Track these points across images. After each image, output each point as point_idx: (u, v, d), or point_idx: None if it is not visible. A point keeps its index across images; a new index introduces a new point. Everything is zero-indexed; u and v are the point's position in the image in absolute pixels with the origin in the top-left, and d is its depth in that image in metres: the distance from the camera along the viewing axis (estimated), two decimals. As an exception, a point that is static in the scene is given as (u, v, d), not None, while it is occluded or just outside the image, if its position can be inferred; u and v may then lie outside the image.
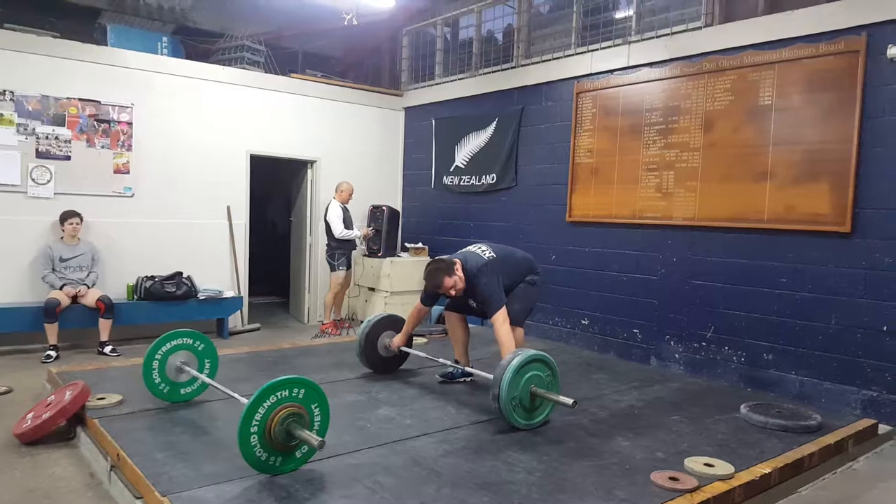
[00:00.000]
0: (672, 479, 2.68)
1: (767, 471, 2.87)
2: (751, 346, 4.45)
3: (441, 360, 4.13)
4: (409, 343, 4.27)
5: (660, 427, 3.43)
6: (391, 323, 4.27)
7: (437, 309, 6.10)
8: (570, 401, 3.17)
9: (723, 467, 2.81)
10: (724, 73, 4.56)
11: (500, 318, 3.58)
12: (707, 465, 2.82)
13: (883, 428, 3.76)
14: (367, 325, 4.24)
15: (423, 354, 4.22)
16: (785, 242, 4.28)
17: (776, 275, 4.32)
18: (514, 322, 3.76)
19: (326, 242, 6.32)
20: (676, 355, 4.88)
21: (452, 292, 3.71)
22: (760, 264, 4.40)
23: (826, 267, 4.10)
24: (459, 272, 3.68)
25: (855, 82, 3.94)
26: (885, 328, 3.85)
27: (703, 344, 4.72)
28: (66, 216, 5.22)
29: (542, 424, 3.36)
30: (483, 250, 3.82)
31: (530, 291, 3.95)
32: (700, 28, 4.76)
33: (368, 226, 6.78)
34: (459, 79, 6.80)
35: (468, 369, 4.03)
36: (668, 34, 4.93)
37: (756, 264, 4.43)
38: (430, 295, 3.90)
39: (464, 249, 3.93)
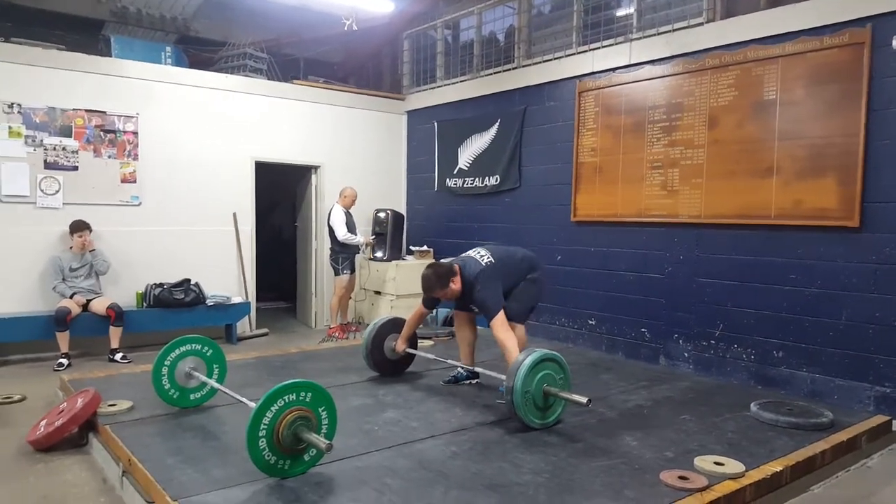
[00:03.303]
0: (682, 478, 2.66)
1: (778, 469, 2.84)
2: (760, 344, 4.41)
3: (449, 361, 4.13)
4: (413, 344, 4.28)
5: (669, 426, 3.41)
6: (396, 325, 4.28)
7: (444, 311, 6.13)
8: (584, 399, 3.17)
9: (733, 466, 2.78)
10: (728, 68, 4.54)
11: (498, 323, 3.58)
12: (717, 463, 2.80)
13: (896, 424, 3.72)
14: (372, 329, 4.26)
15: (430, 356, 4.22)
16: (793, 238, 4.25)
17: (785, 271, 4.29)
18: (515, 319, 3.78)
19: (330, 247, 6.34)
20: (685, 354, 4.84)
21: (443, 295, 3.77)
22: (768, 261, 4.37)
23: (835, 262, 4.06)
24: (457, 279, 3.72)
25: (860, 74, 3.90)
26: (896, 322, 3.82)
27: (712, 342, 4.68)
28: (76, 228, 5.24)
29: (556, 423, 3.35)
30: (482, 255, 3.83)
31: (531, 289, 3.94)
32: (702, 24, 4.74)
33: (372, 231, 6.80)
34: (461, 81, 6.81)
35: (477, 369, 4.02)
36: (670, 31, 4.91)
37: (764, 261, 4.39)
38: (431, 297, 3.92)
39: (465, 254, 3.95)
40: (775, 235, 4.33)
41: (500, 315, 3.60)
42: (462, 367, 4.18)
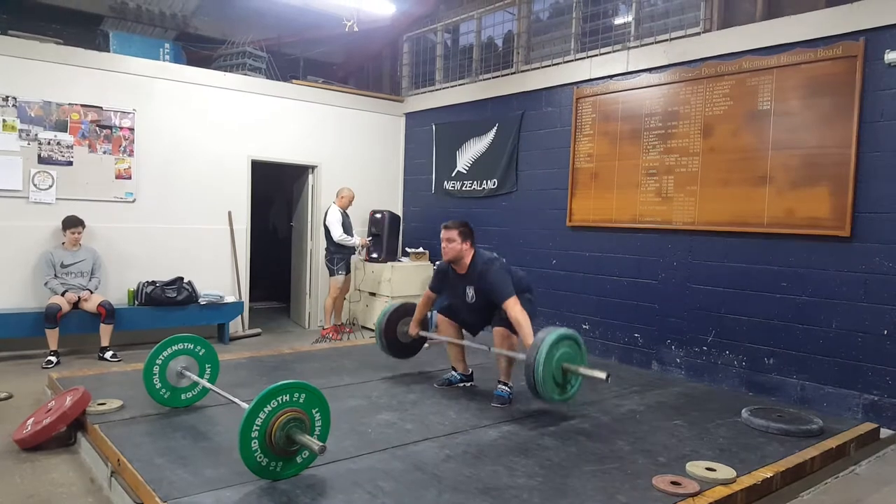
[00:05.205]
0: (674, 483, 2.68)
1: (769, 475, 2.87)
2: (752, 351, 4.45)
3: (473, 344, 4.06)
4: (425, 327, 4.35)
5: (661, 431, 3.43)
6: (408, 310, 4.38)
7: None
8: (603, 374, 3.24)
9: (724, 471, 2.80)
10: (723, 78, 4.58)
11: (512, 302, 3.61)
12: (709, 469, 2.82)
13: (885, 432, 3.75)
14: (384, 314, 4.34)
15: (443, 338, 4.15)
16: (785, 246, 4.29)
17: (777, 279, 4.33)
18: (510, 328, 3.76)
19: (325, 247, 6.33)
20: (678, 360, 4.87)
21: (448, 250, 3.80)
22: (761, 268, 4.41)
23: (826, 271, 4.10)
24: (470, 249, 3.82)
25: (853, 87, 3.95)
26: (885, 332, 3.85)
27: (704, 348, 4.71)
28: (70, 224, 5.20)
29: (573, 398, 3.48)
30: (493, 254, 3.97)
31: (526, 307, 3.89)
32: (699, 34, 4.78)
33: (369, 232, 6.80)
34: (460, 84, 6.83)
35: (494, 350, 3.87)
36: (667, 40, 4.95)
37: (756, 268, 4.43)
38: (439, 276, 4.02)
39: None
40: (768, 243, 4.37)
41: (514, 297, 3.64)
42: (455, 371, 4.18)
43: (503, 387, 3.84)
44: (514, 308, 3.59)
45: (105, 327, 5.13)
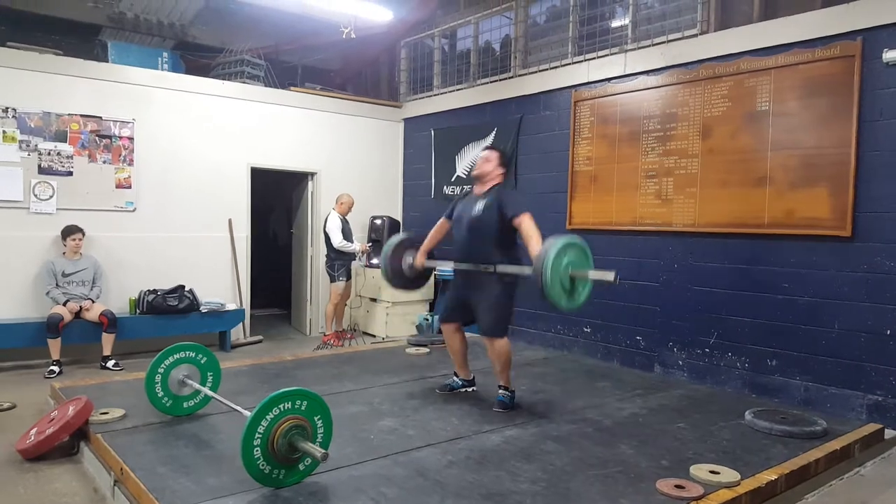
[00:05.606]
0: (678, 486, 2.66)
1: (773, 477, 2.85)
2: (754, 352, 4.44)
3: (478, 266, 3.83)
4: (431, 258, 4.24)
5: (664, 434, 3.42)
6: (414, 242, 4.27)
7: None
8: (611, 276, 3.17)
9: (728, 474, 2.79)
10: (721, 79, 4.59)
11: (527, 217, 3.58)
12: (712, 472, 2.81)
13: (889, 433, 3.74)
14: (390, 246, 4.22)
15: (448, 267, 4.04)
16: (786, 247, 4.28)
17: (778, 280, 4.32)
18: (494, 334, 3.70)
19: (326, 253, 6.34)
20: (680, 362, 4.86)
21: (482, 167, 3.82)
22: (762, 269, 4.40)
23: (828, 271, 4.10)
24: (499, 175, 3.84)
25: (851, 87, 3.96)
26: (888, 332, 3.84)
27: (707, 350, 4.70)
28: (69, 232, 5.23)
29: (580, 306, 3.37)
30: None
31: (511, 292, 3.79)
32: (696, 35, 4.79)
33: (369, 238, 6.80)
34: (458, 89, 6.84)
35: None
36: (665, 42, 4.96)
37: (757, 270, 4.42)
38: (455, 201, 4.00)
39: None
40: (768, 244, 4.37)
41: (529, 214, 3.61)
42: (457, 376, 4.18)
43: (504, 391, 3.83)
44: (527, 223, 3.56)
45: (107, 336, 5.13)
